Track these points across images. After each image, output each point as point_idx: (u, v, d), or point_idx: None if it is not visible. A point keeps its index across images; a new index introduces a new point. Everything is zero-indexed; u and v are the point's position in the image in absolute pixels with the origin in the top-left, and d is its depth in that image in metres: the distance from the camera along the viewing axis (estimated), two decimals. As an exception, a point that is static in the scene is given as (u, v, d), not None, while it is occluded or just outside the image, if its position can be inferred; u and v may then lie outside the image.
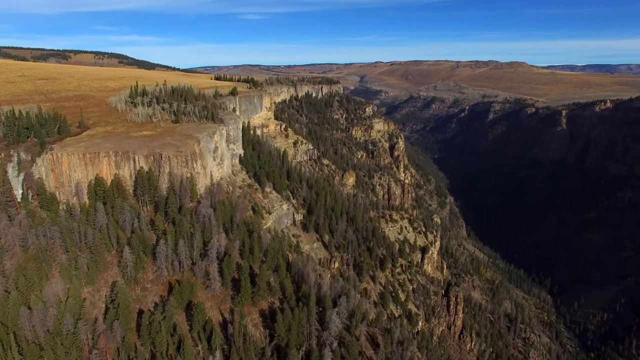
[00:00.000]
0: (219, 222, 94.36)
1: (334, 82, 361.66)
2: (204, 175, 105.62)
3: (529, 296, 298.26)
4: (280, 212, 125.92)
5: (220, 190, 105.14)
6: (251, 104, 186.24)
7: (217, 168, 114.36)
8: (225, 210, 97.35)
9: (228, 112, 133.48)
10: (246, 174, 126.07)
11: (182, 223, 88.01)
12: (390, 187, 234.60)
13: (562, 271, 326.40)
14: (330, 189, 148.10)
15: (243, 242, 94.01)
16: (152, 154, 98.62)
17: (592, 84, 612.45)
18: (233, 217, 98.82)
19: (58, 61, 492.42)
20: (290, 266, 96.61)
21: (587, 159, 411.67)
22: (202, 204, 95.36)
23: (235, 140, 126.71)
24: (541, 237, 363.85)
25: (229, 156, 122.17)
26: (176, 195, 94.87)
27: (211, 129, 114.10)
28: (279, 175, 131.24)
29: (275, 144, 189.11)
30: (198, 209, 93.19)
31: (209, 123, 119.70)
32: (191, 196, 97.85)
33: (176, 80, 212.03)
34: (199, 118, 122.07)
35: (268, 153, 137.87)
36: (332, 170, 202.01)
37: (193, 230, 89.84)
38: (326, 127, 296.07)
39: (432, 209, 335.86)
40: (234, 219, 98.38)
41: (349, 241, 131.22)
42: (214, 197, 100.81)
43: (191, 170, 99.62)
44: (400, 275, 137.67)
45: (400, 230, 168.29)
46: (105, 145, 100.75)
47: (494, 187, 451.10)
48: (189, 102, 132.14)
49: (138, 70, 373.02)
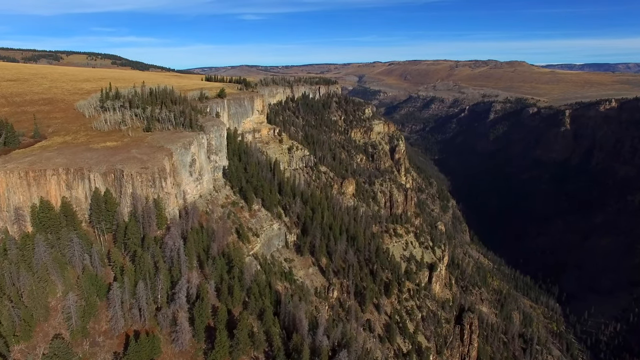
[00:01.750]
0: (192, 255, 75.92)
1: (332, 82, 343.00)
2: (177, 195, 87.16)
3: (536, 305, 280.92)
4: (270, 233, 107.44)
5: (195, 212, 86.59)
6: (241, 107, 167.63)
7: (195, 185, 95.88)
8: (200, 239, 78.90)
9: (210, 117, 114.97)
10: (231, 189, 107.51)
11: (144, 258, 69.56)
12: (392, 194, 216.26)
13: (570, 278, 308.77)
14: (327, 203, 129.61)
15: (221, 279, 75.69)
16: (111, 171, 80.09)
17: (594, 83, 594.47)
18: (210, 247, 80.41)
19: (49, 62, 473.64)
20: (279, 305, 78.43)
21: (593, 160, 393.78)
22: (171, 232, 76.82)
23: (218, 151, 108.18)
24: (547, 242, 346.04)
25: (210, 169, 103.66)
26: (139, 223, 76.39)
27: (187, 139, 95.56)
28: (269, 190, 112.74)
29: (268, 150, 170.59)
30: (165, 239, 74.67)
31: (186, 131, 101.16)
32: (158, 222, 79.35)
33: (164, 81, 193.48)
34: (174, 125, 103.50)
35: (257, 164, 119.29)
36: (330, 178, 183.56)
37: (158, 267, 71.46)
38: (324, 130, 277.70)
39: (435, 214, 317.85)
40: (210, 250, 79.95)
41: (350, 264, 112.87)
42: (187, 222, 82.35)
43: (159, 190, 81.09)
44: (408, 301, 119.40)
45: (405, 245, 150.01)
46: (57, 161, 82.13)
47: (497, 189, 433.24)
48: (166, 107, 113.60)
49: (126, 71, 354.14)
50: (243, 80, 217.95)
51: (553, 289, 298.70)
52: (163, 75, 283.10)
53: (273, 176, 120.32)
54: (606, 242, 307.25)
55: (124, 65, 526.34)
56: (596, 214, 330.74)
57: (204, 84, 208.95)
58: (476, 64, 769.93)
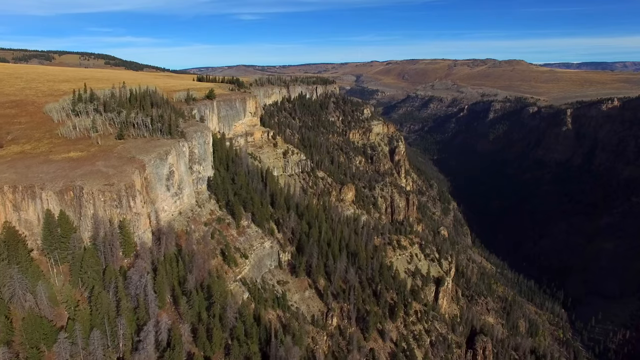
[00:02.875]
0: (163, 291, 62.53)
1: (330, 82, 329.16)
2: (150, 215, 73.67)
3: (541, 311, 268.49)
4: (261, 253, 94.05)
5: (171, 235, 73.08)
6: (232, 109, 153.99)
7: (173, 201, 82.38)
8: (174, 269, 65.48)
9: (194, 122, 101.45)
10: (216, 203, 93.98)
11: (101, 298, 56.10)
12: (393, 200, 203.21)
13: (575, 282, 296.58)
14: (325, 215, 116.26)
15: (199, 318, 62.38)
16: (69, 189, 66.57)
17: (593, 82, 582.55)
18: (187, 278, 67.04)
19: (41, 62, 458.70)
20: (269, 345, 65.22)
21: (596, 160, 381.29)
22: (137, 263, 63.38)
23: (201, 160, 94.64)
24: (550, 244, 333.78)
25: (192, 182, 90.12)
26: (99, 251, 62.93)
27: (164, 148, 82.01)
28: (260, 202, 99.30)
29: (262, 155, 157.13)
30: (130, 273, 61.21)
31: (164, 138, 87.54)
32: (124, 250, 65.90)
33: (153, 82, 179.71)
34: (151, 132, 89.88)
35: (246, 173, 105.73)
36: (328, 184, 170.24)
37: (120, 307, 58.10)
38: (321, 131, 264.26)
39: (437, 217, 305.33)
40: (187, 282, 66.58)
41: (351, 286, 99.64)
42: (160, 247, 68.94)
43: (126, 211, 67.59)
44: (415, 325, 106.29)
45: (410, 258, 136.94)
46: (4, 176, 68.48)
47: (497, 190, 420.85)
48: (144, 110, 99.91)
49: (116, 71, 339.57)
50: (236, 80, 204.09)
51: (558, 294, 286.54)
52: (154, 75, 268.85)
53: (265, 187, 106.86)
54: (612, 245, 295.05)
55: (117, 65, 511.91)
56: (601, 216, 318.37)
57: (194, 84, 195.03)
58: (474, 62, 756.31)
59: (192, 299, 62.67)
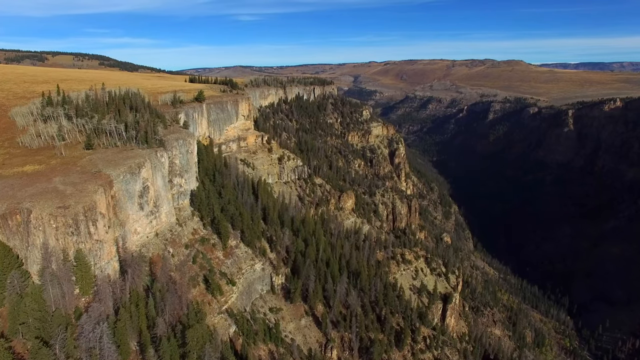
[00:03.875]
0: (126, 338, 50.56)
1: (328, 82, 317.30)
2: (118, 240, 61.71)
3: (547, 318, 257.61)
4: (251, 276, 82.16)
5: (140, 265, 61.06)
6: (223, 112, 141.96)
7: (148, 221, 70.43)
8: (141, 310, 53.49)
9: (176, 128, 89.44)
10: (200, 221, 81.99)
11: (40, 356, 44.06)
12: (395, 206, 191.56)
13: (580, 288, 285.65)
14: (324, 229, 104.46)
15: (170, 371, 50.49)
16: (14, 212, 54.60)
17: (593, 82, 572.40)
18: (156, 319, 55.03)
19: (33, 63, 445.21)
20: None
21: (599, 162, 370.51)
22: (94, 305, 51.36)
23: (183, 171, 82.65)
24: (554, 249, 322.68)
25: (172, 197, 78.13)
26: (47, 290, 50.88)
27: (138, 159, 70.06)
28: (251, 218, 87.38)
29: (255, 161, 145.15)
30: (82, 321, 49.13)
31: (140, 148, 75.56)
32: (82, 287, 53.93)
33: (141, 83, 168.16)
34: (125, 140, 77.89)
35: (235, 185, 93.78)
36: (326, 191, 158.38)
37: (69, 364, 46.19)
38: (319, 134, 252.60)
39: (438, 222, 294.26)
40: (157, 323, 54.58)
41: (352, 312, 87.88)
42: (126, 283, 56.91)
43: (85, 238, 55.61)
44: (424, 352, 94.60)
45: (415, 273, 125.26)
46: (-64, 198, 56.49)
47: (498, 192, 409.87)
48: (119, 115, 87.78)
49: (105, 72, 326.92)
50: (229, 81, 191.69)
51: (563, 300, 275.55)
52: (145, 76, 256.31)
53: (256, 200, 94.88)
54: (618, 250, 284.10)
55: (112, 66, 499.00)
56: (606, 220, 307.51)
57: (185, 85, 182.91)
58: (473, 63, 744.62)
59: (162, 349, 50.74)
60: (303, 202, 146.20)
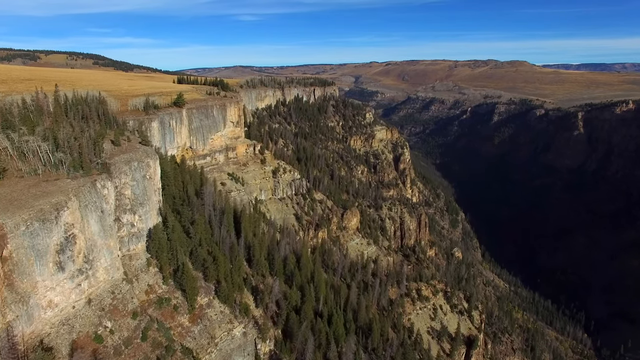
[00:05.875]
0: None
1: (329, 83, 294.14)
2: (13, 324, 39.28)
3: (562, 336, 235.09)
4: (229, 346, 59.47)
5: None
6: (208, 118, 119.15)
7: (73, 285, 47.71)
8: None
9: (131, 145, 66.61)
10: (159, 272, 59.20)
11: None
12: (403, 221, 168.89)
13: (597, 303, 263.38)
14: (325, 265, 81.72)
15: None
16: None
17: (600, 83, 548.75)
18: None
19: (24, 62, 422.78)
20: None
21: (612, 167, 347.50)
22: None
23: (137, 205, 59.91)
24: (567, 259, 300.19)
25: (117, 244, 55.42)
26: None
27: (57, 197, 47.51)
28: (230, 261, 64.68)
29: (245, 175, 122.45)
30: None
31: (70, 176, 52.89)
32: None
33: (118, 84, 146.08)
34: (51, 165, 55.17)
35: (210, 217, 70.87)
36: (327, 208, 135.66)
37: None
38: (320, 138, 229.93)
39: (445, 231, 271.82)
40: None
41: (363, 387, 65.30)
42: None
43: None
44: None
45: (434, 313, 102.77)
46: None
47: (505, 197, 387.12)
48: (63, 128, 65.01)
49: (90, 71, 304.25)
50: (220, 82, 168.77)
51: (579, 316, 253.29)
52: (130, 76, 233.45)
53: (238, 236, 72.11)
54: (638, 263, 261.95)
55: (107, 65, 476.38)
56: (624, 229, 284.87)
57: (169, 86, 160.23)
58: (476, 63, 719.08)
59: None
60: (301, 223, 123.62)
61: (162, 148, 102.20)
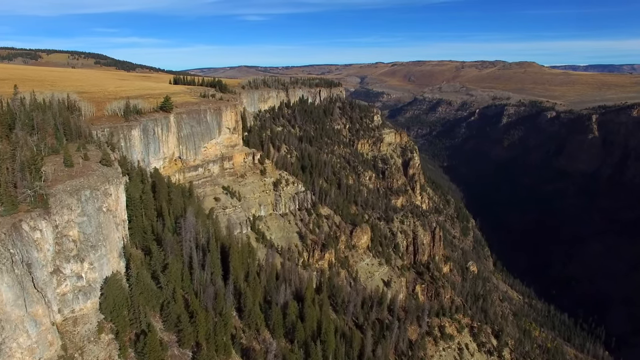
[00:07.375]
0: None
1: (335, 84, 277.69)
2: None
3: (582, 354, 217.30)
4: None
5: None
6: (200, 125, 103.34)
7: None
8: None
9: (86, 166, 50.86)
10: (114, 339, 43.50)
11: None
12: (416, 235, 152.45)
13: (617, 317, 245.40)
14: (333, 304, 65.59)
15: None
16: None
17: (611, 85, 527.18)
18: None
19: (25, 61, 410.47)
20: None
21: (628, 172, 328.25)
22: None
23: (88, 250, 44.25)
24: (582, 269, 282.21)
25: (52, 310, 39.77)
26: None
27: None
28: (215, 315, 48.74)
29: (242, 188, 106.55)
30: None
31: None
32: None
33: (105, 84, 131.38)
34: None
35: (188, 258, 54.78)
36: (335, 225, 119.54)
37: None
38: (325, 142, 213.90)
39: (457, 241, 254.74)
40: None
41: None
42: None
43: None
44: None
45: (459, 354, 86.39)
46: None
47: (515, 202, 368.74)
48: None
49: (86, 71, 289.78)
50: (218, 83, 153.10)
51: (598, 331, 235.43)
52: (124, 75, 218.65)
53: (225, 279, 56.09)
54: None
55: (108, 65, 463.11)
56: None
57: (163, 87, 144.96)
58: (483, 64, 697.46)
59: None
60: (305, 243, 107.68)
61: (144, 160, 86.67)
